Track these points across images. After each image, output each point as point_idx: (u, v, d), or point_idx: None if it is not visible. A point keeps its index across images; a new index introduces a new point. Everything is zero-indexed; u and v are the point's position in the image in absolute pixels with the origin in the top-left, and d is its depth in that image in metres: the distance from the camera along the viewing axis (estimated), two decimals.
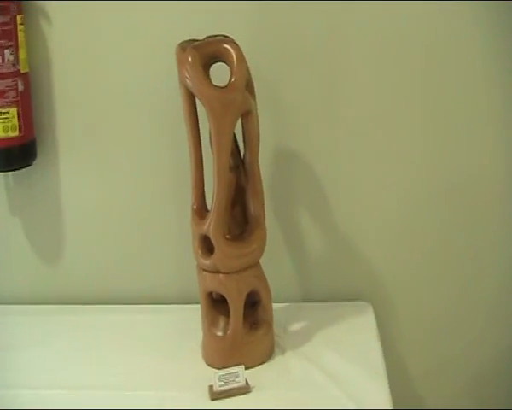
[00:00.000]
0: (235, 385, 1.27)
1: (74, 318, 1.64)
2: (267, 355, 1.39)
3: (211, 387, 1.27)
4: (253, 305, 1.39)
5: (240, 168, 1.37)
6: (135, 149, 1.60)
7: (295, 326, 1.51)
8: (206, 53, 1.25)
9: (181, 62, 1.24)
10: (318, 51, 1.51)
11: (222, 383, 1.27)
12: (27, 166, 1.60)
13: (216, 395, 1.26)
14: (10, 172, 1.65)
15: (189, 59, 1.22)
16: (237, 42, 1.27)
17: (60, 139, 1.64)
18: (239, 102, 1.25)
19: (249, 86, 1.34)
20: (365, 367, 1.32)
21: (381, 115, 1.53)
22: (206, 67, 1.28)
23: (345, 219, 1.60)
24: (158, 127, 1.58)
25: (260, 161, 1.48)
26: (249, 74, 1.34)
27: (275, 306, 1.53)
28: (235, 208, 1.38)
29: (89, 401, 1.27)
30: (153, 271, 1.67)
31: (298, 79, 1.53)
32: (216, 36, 1.31)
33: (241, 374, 1.28)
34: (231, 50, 1.24)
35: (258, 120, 1.35)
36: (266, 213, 1.53)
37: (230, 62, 1.25)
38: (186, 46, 1.25)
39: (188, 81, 1.24)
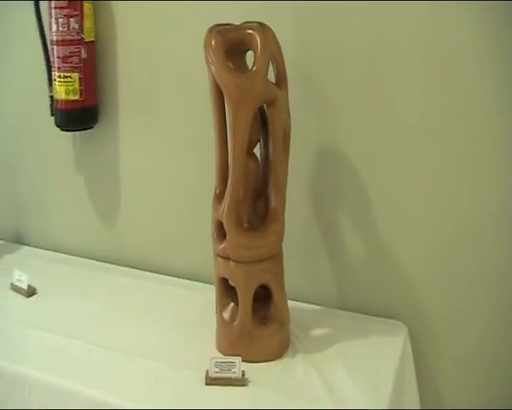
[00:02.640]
0: (231, 375, 1.26)
1: (116, 277, 1.74)
2: (275, 354, 1.35)
3: (207, 372, 1.27)
4: (267, 300, 1.36)
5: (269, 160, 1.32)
6: (189, 121, 1.60)
7: (318, 332, 1.46)
8: (231, 38, 1.23)
9: (205, 46, 1.22)
10: (366, 49, 1.42)
11: (217, 369, 1.26)
12: (88, 128, 1.69)
13: (210, 381, 1.26)
14: (77, 133, 1.73)
15: (212, 43, 1.20)
16: (285, 37, 1.25)
17: (120, 107, 1.70)
18: (258, 91, 1.21)
19: (280, 77, 1.30)
20: (368, 392, 1.23)
21: (430, 119, 1.40)
22: (234, 53, 1.25)
23: (387, 230, 1.49)
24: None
25: (302, 159, 1.48)
26: (283, 65, 1.30)
27: (306, 306, 1.54)
28: (259, 200, 1.35)
29: (94, 357, 1.35)
30: (198, 246, 1.64)
31: (344, 78, 1.45)
32: (250, 22, 1.27)
33: (237, 365, 1.26)
34: (256, 37, 1.20)
35: (287, 113, 1.31)
36: (307, 213, 1.53)
37: (254, 50, 1.21)
38: (214, 30, 1.23)
39: (210, 65, 1.22)
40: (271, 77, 1.29)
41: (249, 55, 1.25)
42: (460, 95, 1.36)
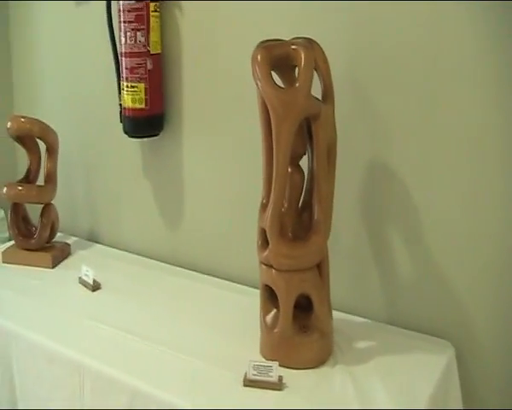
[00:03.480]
0: (268, 379, 1.30)
1: (176, 278, 1.83)
2: (315, 362, 1.38)
3: (245, 374, 1.31)
4: (309, 309, 1.39)
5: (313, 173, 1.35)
6: (248, 132, 1.62)
7: (362, 344, 1.47)
8: (276, 54, 1.27)
9: (252, 60, 1.27)
10: (419, 65, 1.41)
11: (255, 372, 1.31)
12: (154, 135, 1.78)
13: (248, 383, 1.31)
14: (145, 139, 1.83)
15: (258, 58, 1.25)
16: (337, 52, 1.29)
17: (185, 116, 1.79)
18: (301, 105, 1.24)
19: (326, 92, 1.33)
20: (401, 407, 1.23)
21: (484, 135, 1.37)
22: (285, 68, 1.30)
23: (438, 247, 1.47)
24: None
25: (353, 173, 1.51)
26: (330, 81, 1.33)
27: (354, 319, 1.56)
28: (304, 212, 1.38)
29: (143, 350, 1.45)
30: (254, 252, 1.60)
31: (397, 93, 1.45)
32: (299, 38, 1.31)
33: (274, 369, 1.30)
34: (300, 53, 1.24)
35: (332, 128, 1.33)
36: (358, 226, 1.55)
37: (298, 65, 1.24)
38: (260, 45, 1.28)
39: (256, 79, 1.26)
40: (318, 92, 1.32)
41: None
42: None
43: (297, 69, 1.26)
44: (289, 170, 1.36)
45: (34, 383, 1.55)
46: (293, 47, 1.26)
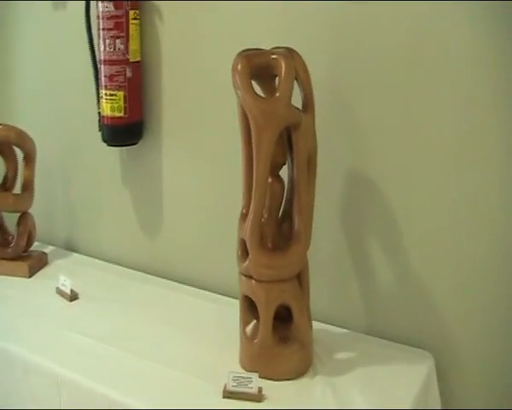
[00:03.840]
0: (247, 390, 1.29)
1: (154, 288, 1.82)
2: (295, 373, 1.37)
3: (225, 385, 1.30)
4: (289, 320, 1.38)
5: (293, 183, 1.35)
6: (228, 140, 1.62)
7: (342, 355, 1.46)
8: (256, 63, 1.26)
9: (232, 69, 1.26)
10: (397, 75, 1.42)
11: (235, 384, 1.30)
12: (133, 144, 1.77)
13: (227, 394, 1.29)
14: (124, 148, 1.82)
15: (238, 67, 1.25)
16: (317, 63, 1.30)
17: (164, 124, 1.78)
18: (281, 115, 1.24)
19: (307, 102, 1.33)
20: None
21: (460, 145, 1.38)
22: (266, 77, 1.29)
23: (417, 257, 1.48)
24: None
25: (332, 182, 1.52)
26: (310, 90, 1.33)
27: (334, 329, 1.56)
28: (285, 222, 1.38)
29: (120, 361, 1.43)
30: (234, 262, 1.59)
31: (376, 104, 1.45)
32: (279, 47, 1.31)
33: (254, 381, 1.29)
34: (280, 62, 1.24)
35: (312, 138, 1.33)
36: (337, 235, 1.55)
37: (279, 74, 1.24)
38: (241, 54, 1.27)
39: (236, 88, 1.26)
40: (299, 101, 1.32)
41: None
42: (494, 121, 1.33)
43: (277, 79, 1.26)
44: (269, 180, 1.35)
45: (10, 395, 1.52)
46: (273, 56, 1.25)
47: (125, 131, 1.73)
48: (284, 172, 1.36)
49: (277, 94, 1.24)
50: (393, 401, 1.29)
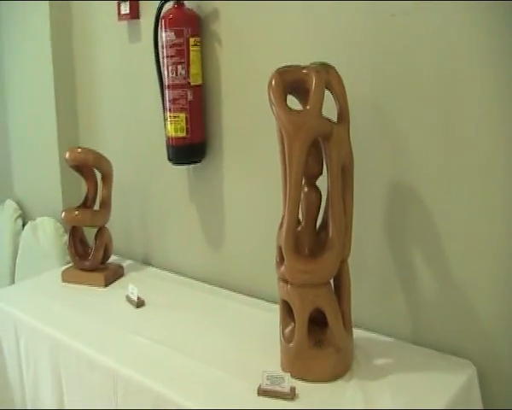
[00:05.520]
0: (280, 389, 1.35)
1: (215, 298, 1.93)
2: (330, 376, 1.41)
3: (260, 384, 1.38)
4: (325, 325, 1.43)
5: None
6: (277, 159, 1.73)
7: (381, 361, 1.49)
8: (289, 78, 1.35)
9: (268, 86, 1.36)
10: (437, 88, 1.45)
11: (269, 382, 1.37)
12: (195, 162, 1.90)
13: (261, 392, 1.37)
14: (191, 166, 1.96)
15: (273, 82, 1.34)
16: (358, 76, 1.41)
17: (224, 144, 1.90)
18: (310, 126, 1.32)
19: (341, 114, 1.39)
20: None
21: (499, 157, 1.39)
22: (298, 92, 1.38)
23: (459, 266, 1.48)
24: None
25: (376, 192, 1.57)
26: (344, 102, 1.40)
27: (377, 337, 1.60)
28: (323, 230, 1.44)
29: (173, 361, 1.55)
30: None
31: (417, 116, 1.49)
32: (316, 63, 1.39)
33: (286, 380, 1.36)
34: (311, 76, 1.31)
35: (347, 148, 1.39)
36: (381, 244, 1.59)
37: (309, 88, 1.32)
38: (276, 71, 1.37)
39: (271, 103, 1.35)
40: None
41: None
42: None
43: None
44: (306, 189, 1.43)
45: (77, 387, 1.67)
46: (304, 71, 1.34)
47: (188, 151, 1.86)
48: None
49: (307, 106, 1.32)
50: (422, 405, 1.30)
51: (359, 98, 1.46)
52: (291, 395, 1.34)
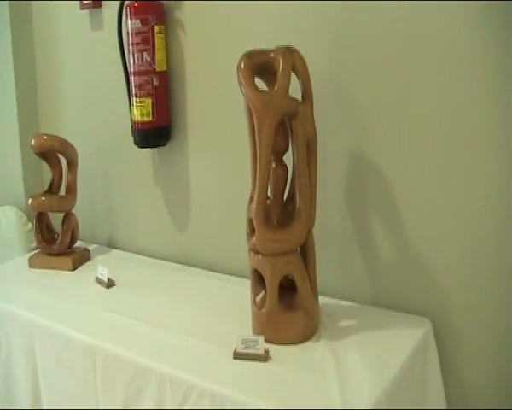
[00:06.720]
0: (255, 351, 1.45)
1: (183, 275, 2.01)
2: (299, 338, 1.52)
3: (235, 348, 1.47)
4: (294, 290, 1.53)
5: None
6: (244, 139, 1.75)
7: (345, 323, 1.61)
8: (257, 61, 1.44)
9: (237, 68, 1.45)
10: (395, 64, 1.57)
11: (243, 346, 1.46)
12: (161, 145, 1.98)
13: (237, 355, 1.46)
14: (156, 149, 2.03)
15: (242, 65, 1.43)
16: (319, 55, 1.53)
17: (189, 127, 1.98)
18: (278, 104, 1.41)
19: (305, 93, 1.49)
20: (373, 372, 1.37)
21: (454, 124, 1.51)
22: (265, 74, 1.47)
23: (415, 230, 1.61)
24: None
25: (336, 163, 1.68)
26: (308, 82, 1.49)
27: (341, 302, 1.71)
28: (290, 203, 1.54)
29: (148, 333, 1.62)
30: None
31: (374, 91, 1.61)
32: (281, 46, 1.48)
33: (260, 343, 1.45)
34: (278, 59, 1.41)
35: (311, 125, 1.49)
36: (341, 213, 1.71)
37: (277, 69, 1.41)
38: (245, 54, 1.46)
39: (240, 84, 1.44)
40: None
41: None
42: (489, 106, 1.46)
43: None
44: (274, 165, 1.53)
45: (53, 366, 1.72)
46: (271, 54, 1.43)
47: (154, 134, 1.93)
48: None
49: (275, 87, 1.41)
50: (387, 359, 1.42)
51: (321, 78, 1.56)
52: (265, 356, 1.44)
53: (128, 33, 1.89)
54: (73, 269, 2.12)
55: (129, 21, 1.87)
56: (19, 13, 2.40)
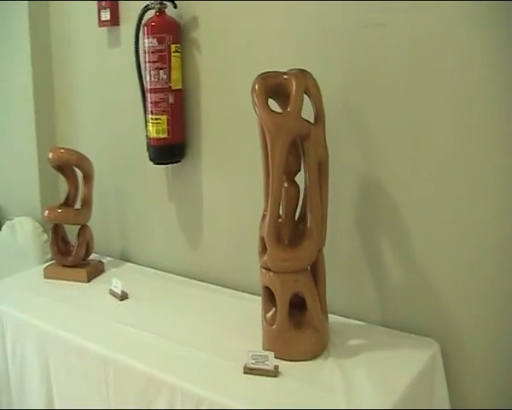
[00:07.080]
0: (265, 367, 1.48)
1: (195, 290, 2.05)
2: (309, 355, 1.54)
3: (246, 363, 1.50)
4: (304, 308, 1.56)
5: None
6: (257, 158, 1.79)
7: (354, 342, 1.63)
8: (271, 83, 1.48)
9: (251, 90, 1.48)
10: (402, 90, 1.61)
11: (254, 361, 1.49)
12: (176, 162, 2.01)
13: (247, 370, 1.49)
14: (170, 166, 2.07)
15: (256, 87, 1.47)
16: (330, 78, 1.57)
17: (204, 145, 2.02)
18: (291, 126, 1.45)
19: (318, 115, 1.53)
20: (380, 390, 1.40)
21: (463, 150, 1.54)
22: (279, 96, 1.51)
23: (423, 252, 1.63)
24: None
25: (347, 185, 1.71)
26: (320, 104, 1.53)
27: (350, 321, 1.74)
28: (302, 222, 1.57)
29: (159, 345, 1.66)
30: None
31: (386, 115, 1.64)
32: (293, 69, 1.52)
33: (270, 359, 1.48)
34: (292, 81, 1.45)
35: (323, 146, 1.53)
36: (352, 234, 1.74)
37: (290, 92, 1.45)
38: (259, 76, 1.50)
39: (254, 106, 1.48)
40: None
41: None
42: (492, 122, 1.49)
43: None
44: (286, 185, 1.56)
45: (66, 376, 1.76)
46: (285, 77, 1.47)
47: (169, 151, 1.98)
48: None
49: (288, 109, 1.45)
50: (393, 379, 1.45)
51: (333, 101, 1.60)
52: (275, 372, 1.47)
53: (145, 51, 1.94)
54: (88, 281, 2.16)
55: (146, 40, 1.92)
56: (38, 28, 2.46)
